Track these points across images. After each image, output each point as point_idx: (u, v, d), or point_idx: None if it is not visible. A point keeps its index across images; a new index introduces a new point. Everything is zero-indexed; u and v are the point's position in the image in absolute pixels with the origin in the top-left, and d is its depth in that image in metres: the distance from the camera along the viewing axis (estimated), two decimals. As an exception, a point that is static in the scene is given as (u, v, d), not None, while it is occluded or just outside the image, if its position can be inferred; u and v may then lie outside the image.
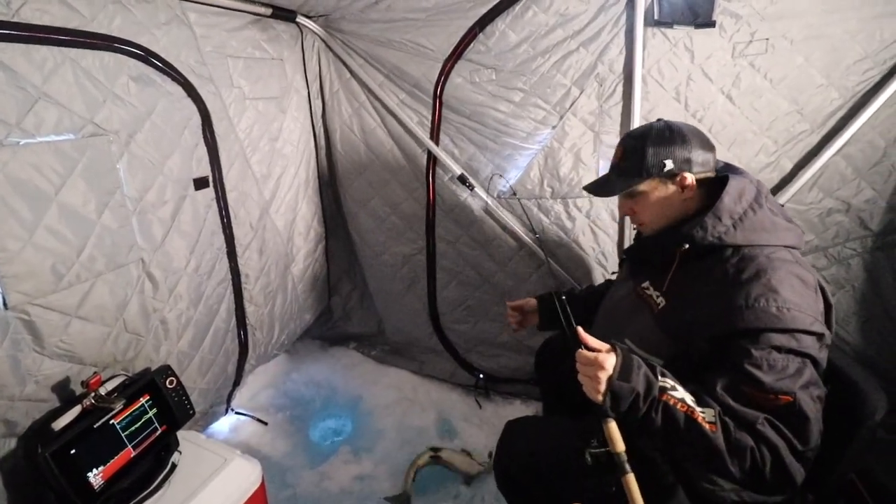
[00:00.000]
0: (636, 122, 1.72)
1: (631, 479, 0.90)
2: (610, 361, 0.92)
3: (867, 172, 1.59)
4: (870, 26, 1.45)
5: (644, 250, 1.21)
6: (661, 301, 1.10)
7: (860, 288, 1.71)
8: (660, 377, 0.91)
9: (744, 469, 0.88)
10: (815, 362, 0.92)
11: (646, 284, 1.16)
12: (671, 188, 1.10)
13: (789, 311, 0.89)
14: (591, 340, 0.98)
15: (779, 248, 1.00)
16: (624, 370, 0.91)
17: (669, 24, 1.59)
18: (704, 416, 0.89)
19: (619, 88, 1.73)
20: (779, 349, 0.89)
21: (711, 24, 1.54)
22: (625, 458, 0.91)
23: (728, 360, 0.93)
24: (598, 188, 1.22)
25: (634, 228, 1.26)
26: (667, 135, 1.10)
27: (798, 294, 0.92)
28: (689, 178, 1.08)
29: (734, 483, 0.93)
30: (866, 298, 1.71)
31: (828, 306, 1.00)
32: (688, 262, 1.07)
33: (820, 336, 0.91)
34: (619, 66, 1.70)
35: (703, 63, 1.61)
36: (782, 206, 1.61)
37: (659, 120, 1.16)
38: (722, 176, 1.10)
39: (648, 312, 1.12)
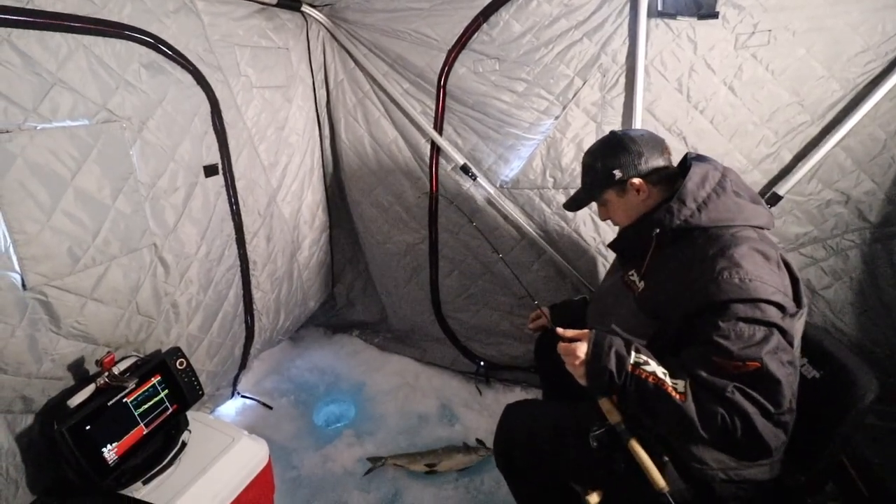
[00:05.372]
0: (638, 113, 1.73)
1: (635, 443, 1.00)
2: (581, 349, 1.01)
3: (867, 164, 1.60)
4: (871, 18, 1.45)
5: (625, 240, 1.29)
6: (641, 285, 1.18)
7: (857, 279, 1.72)
8: (633, 353, 0.98)
9: (714, 435, 0.92)
10: (782, 331, 0.95)
11: (631, 272, 1.24)
12: (628, 192, 1.21)
13: (751, 282, 0.94)
14: (568, 332, 1.07)
15: (745, 228, 1.06)
16: (595, 354, 0.99)
17: (673, 15, 1.59)
18: (676, 387, 0.94)
19: (622, 79, 1.74)
20: (745, 319, 0.94)
21: (715, 15, 1.55)
22: (623, 426, 1.01)
23: (698, 334, 0.98)
24: (570, 204, 1.38)
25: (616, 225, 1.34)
26: (611, 147, 1.23)
27: (760, 267, 0.98)
28: (637, 182, 1.19)
29: (713, 448, 0.97)
30: (863, 290, 1.73)
31: (794, 279, 1.04)
32: (663, 247, 1.14)
33: (781, 307, 0.95)
34: (622, 57, 1.71)
35: (706, 54, 1.62)
36: (781, 197, 1.65)
37: (610, 133, 1.27)
38: (688, 165, 1.17)
39: (631, 296, 1.19)
